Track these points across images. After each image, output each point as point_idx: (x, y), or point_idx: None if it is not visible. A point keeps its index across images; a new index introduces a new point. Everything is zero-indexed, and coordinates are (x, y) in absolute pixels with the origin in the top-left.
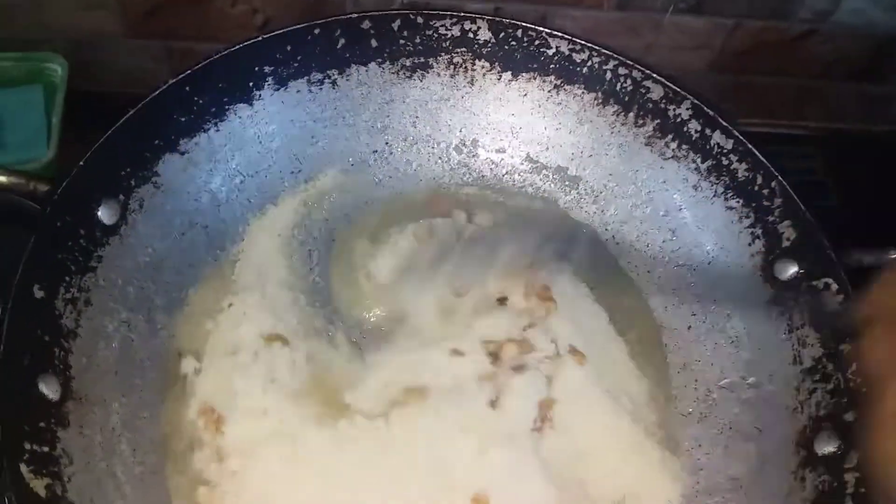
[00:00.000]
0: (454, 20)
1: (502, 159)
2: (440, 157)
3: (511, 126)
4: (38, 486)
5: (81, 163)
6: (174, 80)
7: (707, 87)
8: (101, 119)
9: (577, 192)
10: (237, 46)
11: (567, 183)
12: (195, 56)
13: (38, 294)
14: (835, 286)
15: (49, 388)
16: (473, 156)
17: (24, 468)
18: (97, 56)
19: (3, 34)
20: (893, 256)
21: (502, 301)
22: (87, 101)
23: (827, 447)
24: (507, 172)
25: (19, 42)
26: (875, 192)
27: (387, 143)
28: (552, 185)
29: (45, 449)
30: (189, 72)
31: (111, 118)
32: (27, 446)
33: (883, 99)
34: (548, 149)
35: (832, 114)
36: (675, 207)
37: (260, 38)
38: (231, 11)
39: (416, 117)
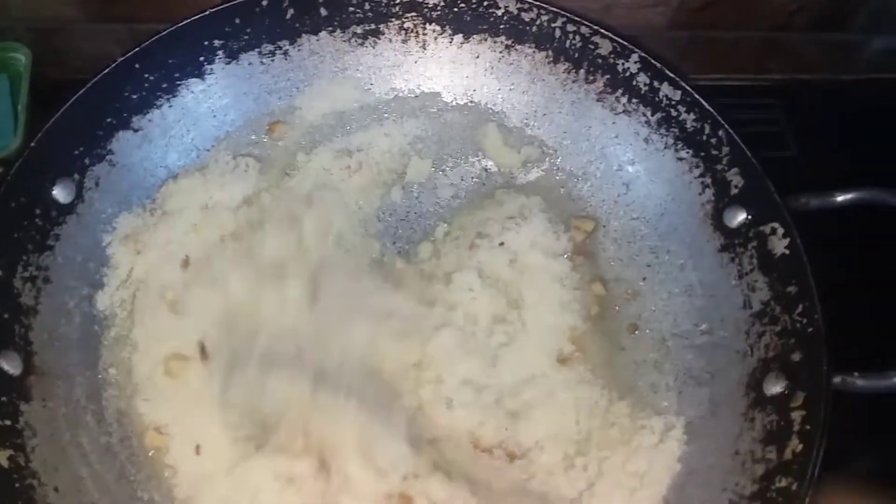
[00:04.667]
0: None
1: None
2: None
3: (465, 89)
4: (1, 457)
5: (33, 144)
6: (122, 58)
7: (668, 45)
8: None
9: (533, 151)
10: (185, 21)
11: (523, 142)
12: None
13: None
14: (781, 230)
15: (10, 364)
16: None
17: None
18: (60, 43)
19: None
20: (839, 199)
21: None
22: (53, 89)
23: (775, 388)
24: None
25: None
26: (836, 141)
27: (343, 113)
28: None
29: (8, 422)
30: (137, 49)
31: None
32: None
33: (846, 47)
34: (503, 110)
35: (796, 65)
36: (628, 161)
37: (207, 12)
38: None
39: (371, 84)
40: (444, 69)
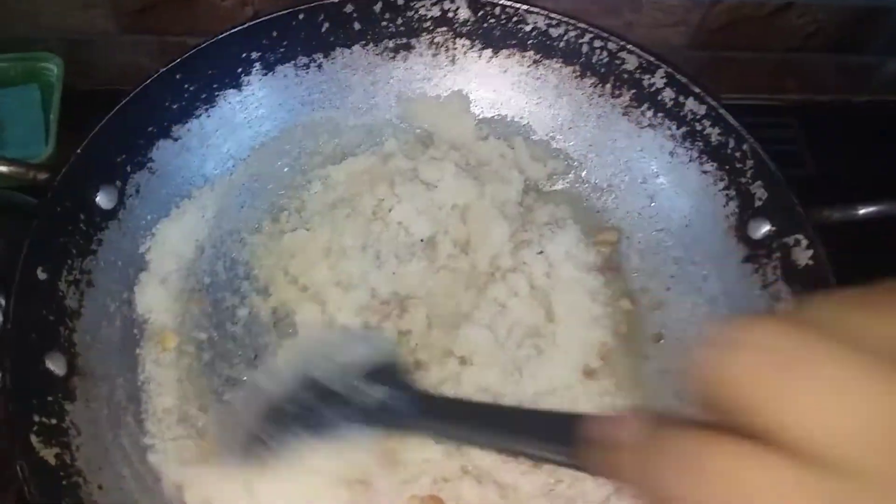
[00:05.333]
0: (434, 1)
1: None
2: None
3: (492, 102)
4: (48, 454)
5: (78, 150)
6: (164, 69)
7: (687, 64)
8: (96, 115)
9: (559, 164)
10: (224, 34)
11: (549, 155)
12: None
13: (42, 276)
14: (805, 241)
15: (55, 365)
16: None
17: (34, 438)
18: (92, 54)
19: (0, 36)
20: (861, 212)
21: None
22: (83, 99)
23: None
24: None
25: (15, 42)
26: (852, 161)
27: (373, 125)
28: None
29: (54, 421)
30: (178, 60)
31: (107, 114)
32: (36, 418)
33: (861, 69)
34: (529, 123)
35: (811, 86)
36: (653, 174)
37: (246, 25)
38: (221, 5)
39: (400, 98)
40: (472, 83)
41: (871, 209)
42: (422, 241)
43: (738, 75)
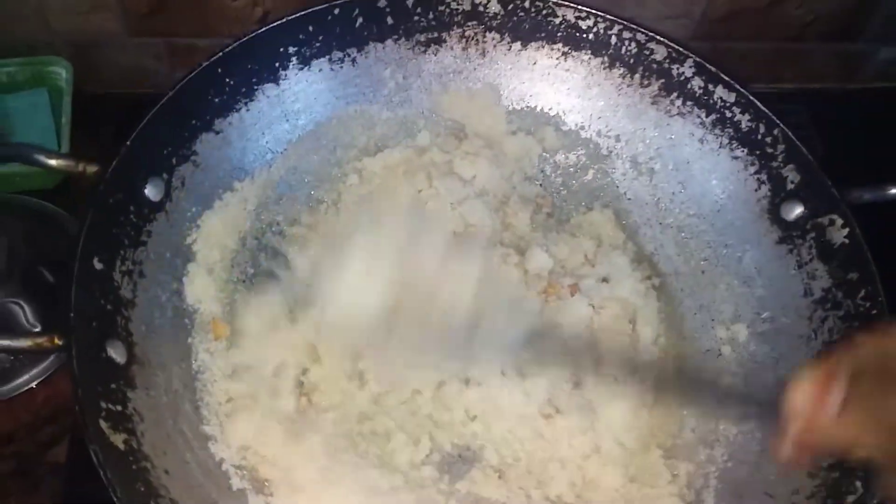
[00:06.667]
0: None
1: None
2: None
3: (522, 94)
4: (118, 440)
5: (128, 142)
6: (207, 62)
7: None
8: (106, 118)
9: (588, 154)
10: (264, 28)
11: (579, 145)
12: (197, 53)
13: (98, 266)
14: (840, 221)
15: (116, 352)
16: None
17: (103, 424)
18: (100, 57)
19: (7, 40)
20: (892, 192)
21: None
22: (92, 103)
23: None
24: None
25: (23, 47)
26: (853, 145)
27: (406, 118)
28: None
29: (119, 408)
30: (221, 53)
31: (117, 117)
32: (103, 404)
33: (858, 57)
34: (558, 114)
35: (809, 75)
36: (683, 161)
37: (284, 20)
38: (231, 6)
39: (432, 91)
40: (502, 76)
41: None
42: (455, 234)
43: (738, 66)
